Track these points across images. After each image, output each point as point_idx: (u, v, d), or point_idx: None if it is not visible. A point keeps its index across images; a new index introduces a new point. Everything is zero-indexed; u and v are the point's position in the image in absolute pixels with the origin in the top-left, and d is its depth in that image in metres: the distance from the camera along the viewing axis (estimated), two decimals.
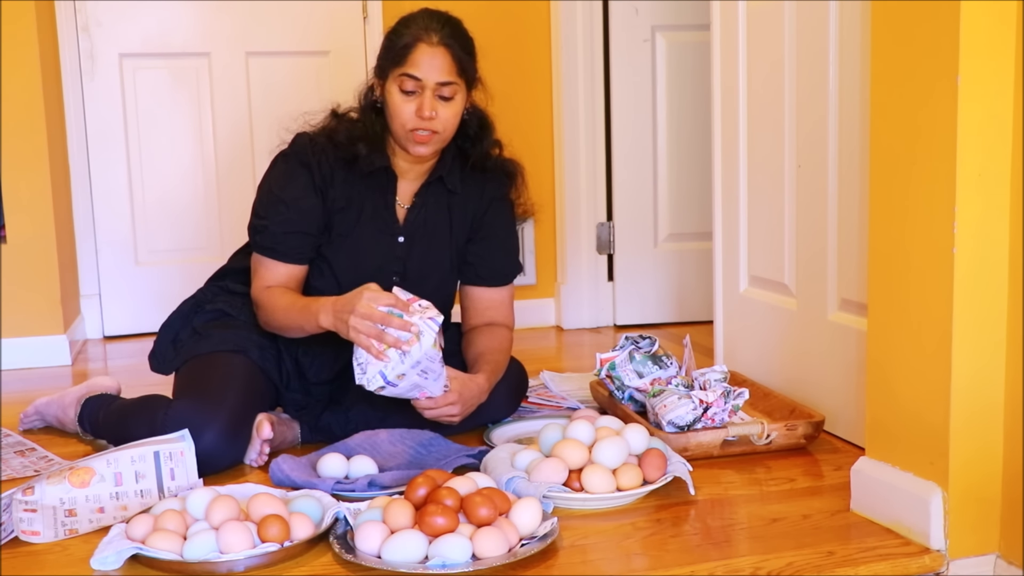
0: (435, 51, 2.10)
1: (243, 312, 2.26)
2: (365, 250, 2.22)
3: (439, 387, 2.01)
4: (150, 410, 2.11)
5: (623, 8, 3.49)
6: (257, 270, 2.20)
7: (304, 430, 2.25)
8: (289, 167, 2.20)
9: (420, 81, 2.10)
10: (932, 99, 1.58)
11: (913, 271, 1.65)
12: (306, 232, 2.18)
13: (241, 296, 2.30)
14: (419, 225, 2.26)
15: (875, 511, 1.76)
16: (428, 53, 2.10)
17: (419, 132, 2.11)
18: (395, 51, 2.12)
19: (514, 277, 2.38)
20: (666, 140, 3.57)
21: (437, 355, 1.95)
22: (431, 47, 2.10)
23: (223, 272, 2.38)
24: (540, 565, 1.61)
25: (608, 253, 3.62)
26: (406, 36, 2.12)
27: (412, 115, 2.10)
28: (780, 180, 2.37)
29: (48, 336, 3.20)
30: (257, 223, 2.20)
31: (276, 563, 1.62)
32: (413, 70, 2.09)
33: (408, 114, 2.10)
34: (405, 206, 2.25)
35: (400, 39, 2.12)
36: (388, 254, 2.24)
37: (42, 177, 3.15)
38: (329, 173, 2.18)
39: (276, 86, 3.61)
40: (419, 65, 2.09)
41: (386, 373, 1.92)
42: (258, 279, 2.20)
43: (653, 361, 2.31)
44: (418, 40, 2.10)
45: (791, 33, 2.30)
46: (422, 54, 2.09)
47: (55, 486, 1.84)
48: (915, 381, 1.67)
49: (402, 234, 2.25)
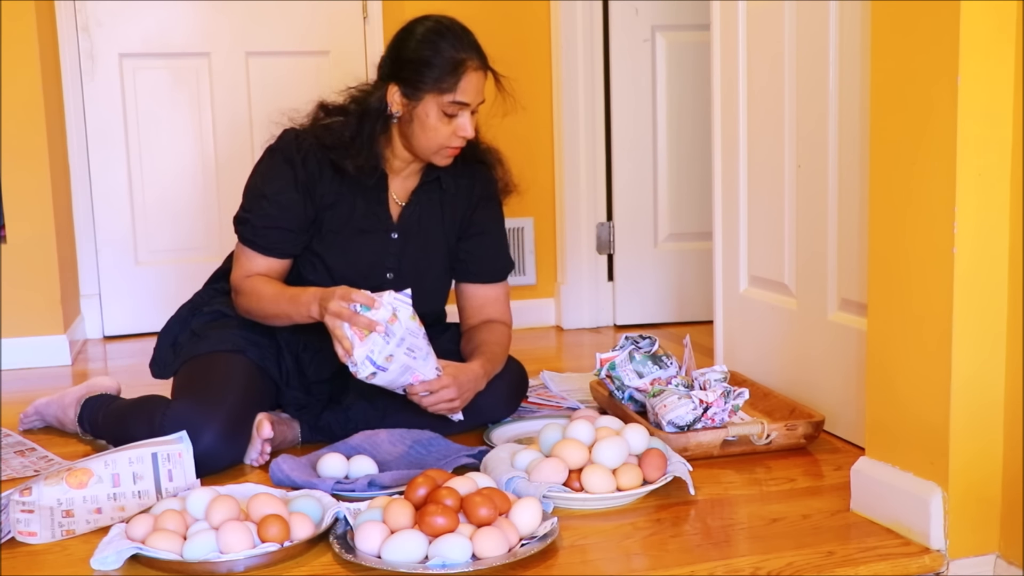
0: (478, 75, 2.13)
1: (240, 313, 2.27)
2: (358, 247, 2.23)
3: (430, 368, 2.02)
4: (149, 411, 2.11)
5: (623, 8, 3.49)
6: (239, 258, 2.22)
7: (304, 429, 2.25)
8: (274, 162, 2.20)
9: (467, 105, 2.13)
10: (932, 99, 1.58)
11: (913, 271, 1.65)
12: (287, 228, 2.18)
13: None
14: (413, 222, 2.26)
15: (875, 511, 1.76)
16: (473, 79, 2.12)
17: (453, 148, 2.16)
18: (436, 74, 2.09)
19: (507, 273, 2.39)
20: (666, 140, 3.57)
21: (420, 330, 1.98)
22: (475, 72, 2.13)
23: (219, 274, 2.38)
24: (540, 565, 1.61)
25: (608, 253, 3.62)
26: (445, 59, 2.10)
27: (450, 134, 2.14)
28: (780, 180, 2.37)
29: (48, 336, 3.20)
30: (241, 214, 2.22)
31: (276, 563, 1.62)
32: (464, 97, 2.12)
33: (447, 134, 2.13)
34: (401, 203, 2.26)
35: (439, 61, 2.10)
36: (382, 251, 2.25)
37: (42, 177, 3.15)
38: (316, 170, 2.18)
39: (276, 86, 3.61)
40: (468, 92, 2.12)
41: (373, 356, 1.94)
42: (239, 267, 2.21)
43: (653, 361, 2.31)
44: (464, 66, 2.10)
45: (791, 33, 2.30)
46: (469, 81, 2.11)
47: (52, 487, 1.84)
48: (915, 381, 1.67)
49: (396, 231, 2.25)
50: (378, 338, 1.94)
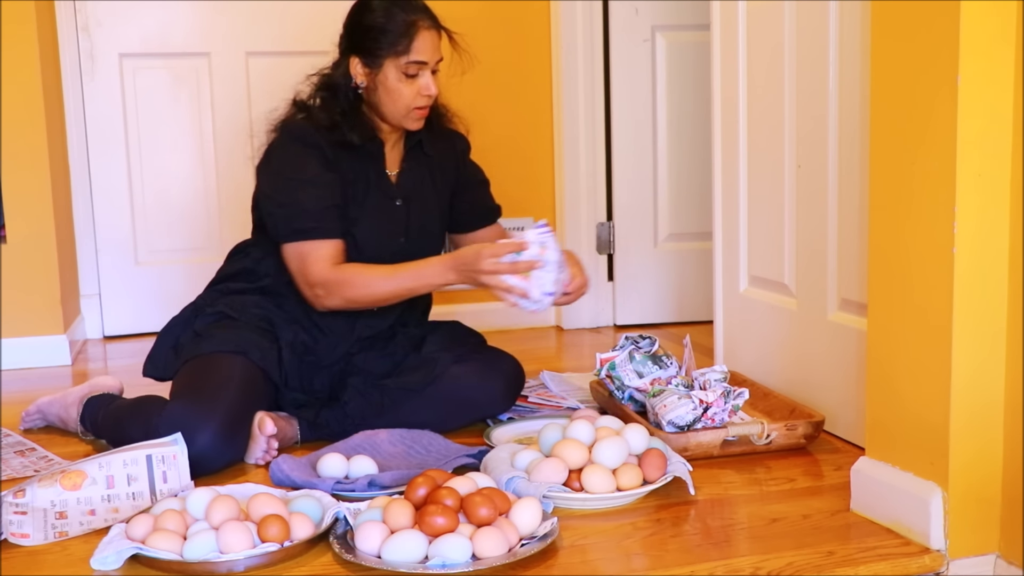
0: (431, 34, 2.22)
1: (244, 313, 2.27)
2: (377, 217, 2.30)
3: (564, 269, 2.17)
4: (145, 412, 2.11)
5: (623, 8, 3.49)
6: (306, 257, 2.20)
7: (303, 427, 2.25)
8: (295, 150, 2.23)
9: (425, 64, 2.20)
10: (932, 99, 1.58)
11: (913, 271, 1.65)
12: (337, 204, 2.23)
13: (241, 297, 2.31)
14: (411, 188, 2.35)
15: (875, 511, 1.76)
16: (426, 37, 2.21)
17: (420, 109, 2.23)
18: (391, 39, 2.19)
19: (499, 215, 2.53)
20: (666, 140, 3.57)
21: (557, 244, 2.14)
22: (427, 31, 2.21)
23: (222, 276, 2.39)
24: (540, 565, 1.61)
25: (608, 253, 3.62)
26: (397, 23, 2.19)
27: (415, 95, 2.22)
28: (780, 180, 2.37)
29: (48, 336, 3.20)
30: (286, 211, 2.21)
31: (276, 563, 1.62)
32: (420, 56, 2.20)
33: (411, 95, 2.22)
34: (394, 172, 2.35)
35: (392, 25, 2.19)
36: (394, 219, 2.32)
37: (42, 177, 3.15)
38: (330, 151, 2.24)
39: (276, 86, 3.58)
40: (423, 50, 2.21)
41: (546, 288, 2.10)
42: (312, 263, 2.19)
43: (653, 361, 2.31)
44: (416, 26, 2.19)
45: (791, 33, 2.30)
46: (423, 40, 2.20)
47: (46, 488, 1.84)
48: (915, 381, 1.67)
49: (399, 198, 2.33)
50: (541, 273, 2.08)
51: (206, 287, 2.40)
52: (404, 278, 2.19)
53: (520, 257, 2.08)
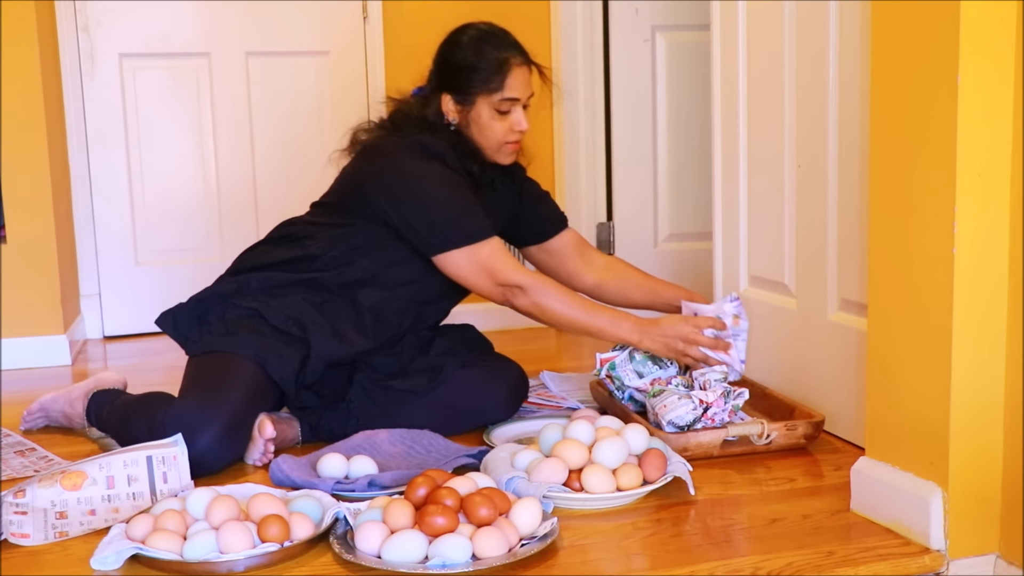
0: (523, 70, 2.27)
1: (278, 315, 2.20)
2: None
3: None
4: (150, 410, 2.11)
5: (623, 8, 3.49)
6: (488, 258, 2.21)
7: (304, 429, 2.25)
8: (434, 166, 2.23)
9: (517, 100, 2.24)
10: (932, 99, 1.58)
11: (913, 271, 1.65)
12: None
13: (282, 296, 2.24)
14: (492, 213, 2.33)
15: (875, 511, 1.76)
16: (518, 74, 2.25)
17: (512, 143, 2.29)
18: (483, 76, 2.22)
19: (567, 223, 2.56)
20: (666, 140, 3.57)
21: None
22: (519, 67, 2.25)
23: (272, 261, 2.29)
24: (540, 565, 1.61)
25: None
26: (489, 60, 2.23)
27: (507, 131, 2.26)
28: (780, 180, 2.37)
29: (48, 336, 3.20)
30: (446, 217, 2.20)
31: (276, 563, 1.63)
32: (512, 93, 2.24)
33: (503, 131, 2.27)
34: None
35: (484, 63, 2.22)
36: None
37: (42, 177, 3.15)
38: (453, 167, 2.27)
39: (276, 86, 3.61)
40: (516, 87, 2.25)
41: (743, 356, 2.29)
42: (500, 262, 2.21)
43: (653, 361, 2.32)
44: (508, 63, 2.23)
45: (791, 33, 2.30)
46: (515, 77, 2.24)
47: (47, 488, 1.84)
48: (915, 381, 1.67)
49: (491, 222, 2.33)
50: (738, 343, 2.28)
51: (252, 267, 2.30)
52: (598, 319, 2.23)
53: (719, 333, 2.25)
